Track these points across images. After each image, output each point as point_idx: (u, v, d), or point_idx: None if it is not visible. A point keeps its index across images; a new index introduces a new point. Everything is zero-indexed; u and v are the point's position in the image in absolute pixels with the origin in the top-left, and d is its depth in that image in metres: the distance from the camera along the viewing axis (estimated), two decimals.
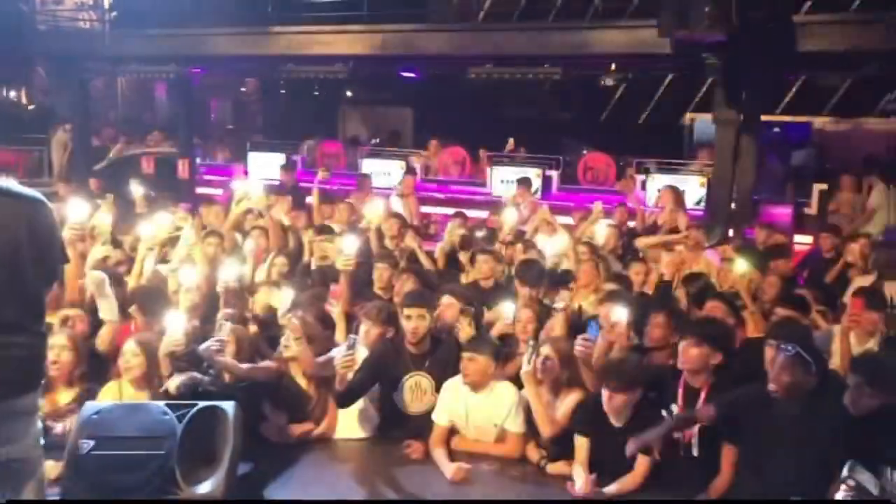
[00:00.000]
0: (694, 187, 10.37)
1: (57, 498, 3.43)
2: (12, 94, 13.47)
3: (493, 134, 13.13)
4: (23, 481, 3.16)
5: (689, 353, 4.11)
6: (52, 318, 4.60)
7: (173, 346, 4.35)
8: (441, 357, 4.62)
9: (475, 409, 4.37)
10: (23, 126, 11.62)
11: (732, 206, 9.05)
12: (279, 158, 11.67)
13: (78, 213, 4.87)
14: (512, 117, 15.08)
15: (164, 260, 5.89)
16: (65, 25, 12.26)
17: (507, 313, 5.00)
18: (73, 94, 11.62)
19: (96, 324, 4.92)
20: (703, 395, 4.11)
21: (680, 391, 4.22)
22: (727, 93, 8.65)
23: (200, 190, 10.94)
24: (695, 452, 4.10)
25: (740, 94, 8.76)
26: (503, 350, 4.67)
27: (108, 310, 4.86)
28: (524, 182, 9.56)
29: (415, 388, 4.59)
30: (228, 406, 3.91)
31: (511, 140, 12.98)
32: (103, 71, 12.80)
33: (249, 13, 11.45)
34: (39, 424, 3.26)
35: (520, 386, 4.37)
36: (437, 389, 4.52)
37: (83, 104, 11.84)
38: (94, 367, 4.62)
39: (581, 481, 3.91)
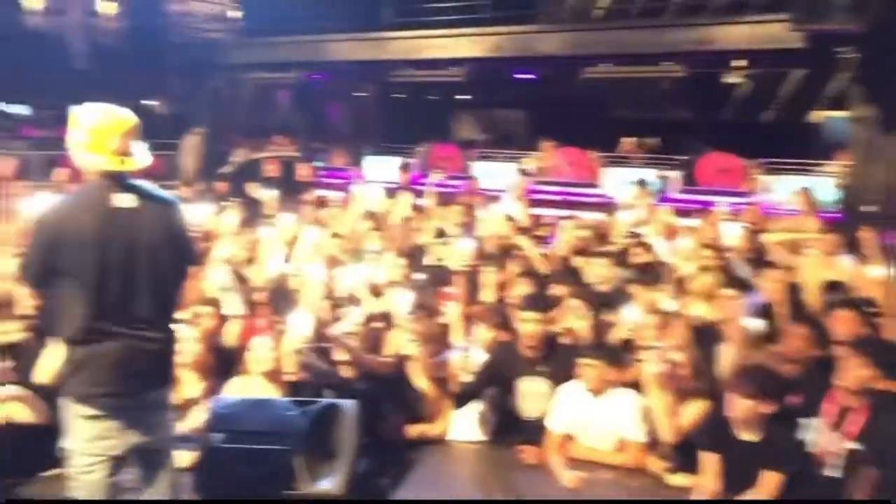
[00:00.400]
0: (827, 189, 9.79)
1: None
2: (149, 102, 14.28)
3: (608, 134, 12.87)
4: (158, 469, 3.33)
5: (857, 374, 3.72)
6: (182, 314, 4.82)
7: (299, 343, 4.49)
8: (557, 361, 4.55)
9: (593, 417, 4.28)
10: (157, 132, 12.33)
11: (870, 208, 8.49)
12: (395, 161, 11.87)
13: (202, 214, 5.11)
14: (628, 117, 14.73)
15: (287, 259, 6.08)
16: (196, 37, 12.94)
17: (626, 318, 4.87)
18: (203, 101, 12.22)
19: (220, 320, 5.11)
20: (855, 416, 3.78)
21: (828, 407, 3.90)
22: (865, 89, 8.13)
23: (319, 192, 11.24)
24: (836, 474, 3.81)
25: (879, 90, 8.21)
26: (622, 356, 4.55)
27: (233, 306, 5.06)
28: (641, 183, 9.31)
29: (530, 393, 4.54)
30: (349, 404, 4.00)
31: (627, 140, 12.68)
32: (231, 78, 13.43)
33: (367, 20, 11.70)
34: (172, 416, 3.44)
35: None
36: (554, 394, 4.45)
37: (212, 110, 12.43)
38: (219, 362, 4.82)
39: (704, 496, 3.74)
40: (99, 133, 3.02)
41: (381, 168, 12.04)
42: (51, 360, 3.93)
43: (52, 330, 3.15)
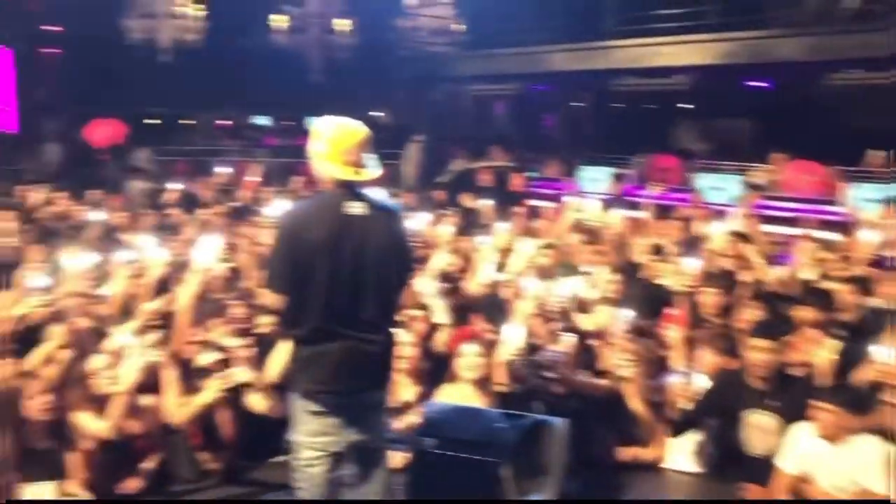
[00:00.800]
0: None
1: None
2: (376, 113, 15.09)
3: (850, 147, 11.68)
4: (373, 468, 3.43)
5: None
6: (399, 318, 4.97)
7: (512, 355, 4.46)
8: (790, 396, 4.14)
9: (829, 464, 3.83)
10: (382, 142, 12.97)
11: None
12: (610, 172, 11.59)
13: (421, 222, 5.23)
14: (874, 128, 13.28)
15: (500, 268, 6.09)
16: (421, 51, 13.48)
17: (877, 355, 4.32)
18: (424, 112, 12.67)
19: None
20: None
21: None
22: None
23: (532, 202, 11.25)
24: None
25: None
26: (866, 399, 4.04)
27: (442, 313, 5.14)
28: (891, 201, 8.33)
29: (757, 427, 4.17)
30: (560, 422, 3.89)
31: (875, 153, 11.42)
32: (451, 90, 13.85)
33: (589, 29, 11.54)
34: (387, 417, 3.53)
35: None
36: (784, 431, 4.05)
37: (432, 121, 12.86)
38: (431, 367, 4.91)
39: None
40: (336, 145, 3.17)
41: (596, 179, 11.81)
42: (281, 356, 4.21)
43: (283, 327, 3.33)
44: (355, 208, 3.16)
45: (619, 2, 11.13)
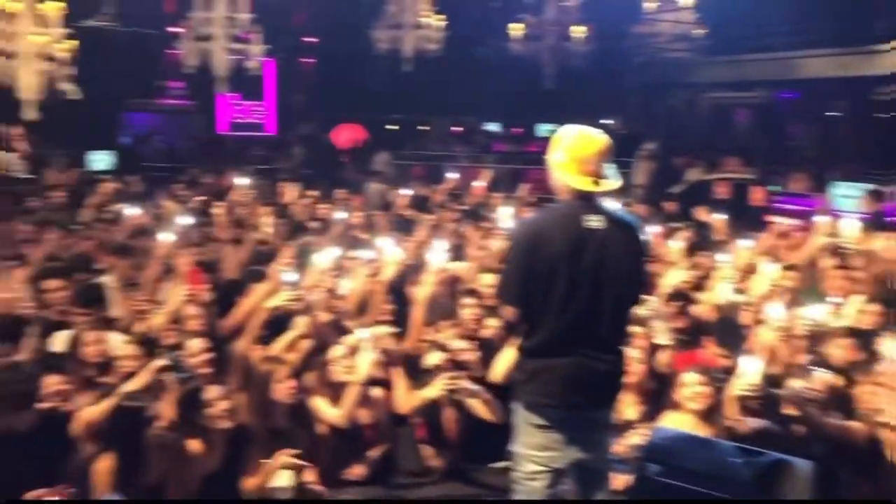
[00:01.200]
0: None
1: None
2: (605, 121, 14.83)
3: None
4: (594, 488, 3.32)
5: None
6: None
7: (747, 389, 4.12)
8: None
9: None
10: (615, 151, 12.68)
11: None
12: (866, 189, 10.44)
13: (649, 235, 4.97)
14: None
15: (739, 290, 5.67)
16: (658, 57, 13.05)
17: None
18: (658, 120, 12.24)
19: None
20: None
21: None
22: None
23: (772, 218, 10.44)
24: None
25: None
26: None
27: (664, 333, 4.86)
28: None
29: None
30: (805, 464, 3.53)
31: None
32: (687, 97, 13.26)
33: (850, 33, 10.48)
34: (612, 437, 3.39)
35: None
36: None
37: (667, 130, 12.38)
38: (655, 387, 4.67)
39: None
40: (575, 154, 3.09)
41: (849, 196, 10.69)
42: (505, 363, 4.22)
43: (514, 337, 3.31)
44: (594, 221, 3.06)
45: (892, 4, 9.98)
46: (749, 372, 4.09)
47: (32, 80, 7.67)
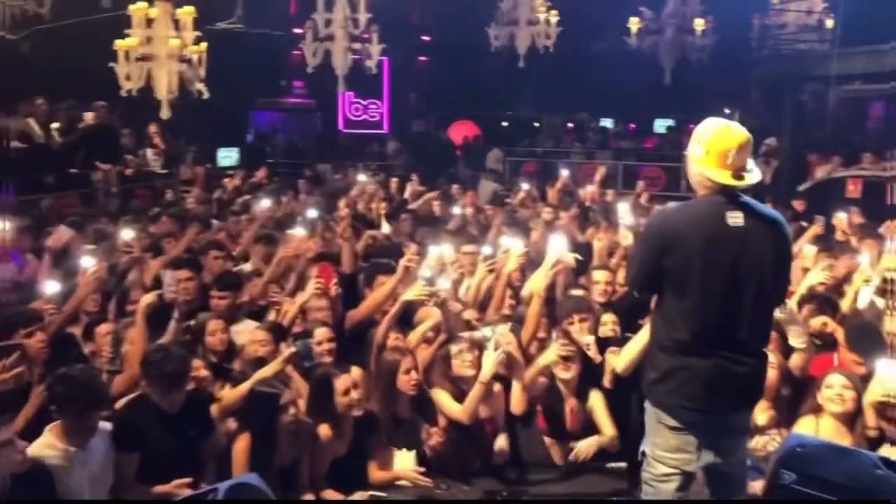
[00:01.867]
0: None
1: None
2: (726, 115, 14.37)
3: None
4: (727, 493, 3.22)
5: None
6: None
7: (887, 395, 3.89)
8: None
9: None
10: None
11: None
12: None
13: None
14: None
15: (880, 293, 5.36)
16: (784, 49, 12.48)
17: None
18: (785, 115, 11.72)
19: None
20: None
21: None
22: None
23: None
24: None
25: None
26: None
27: (799, 336, 4.63)
28: None
29: None
30: None
31: None
32: (818, 90, 12.63)
33: None
34: (747, 442, 3.28)
35: None
36: None
37: (795, 125, 11.84)
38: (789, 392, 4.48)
39: None
40: (717, 148, 3.00)
41: None
42: (628, 357, 4.17)
43: (652, 334, 3.25)
44: (736, 218, 2.96)
45: None
46: (888, 378, 3.87)
47: (167, 81, 8.14)
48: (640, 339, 4.10)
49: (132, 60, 8.06)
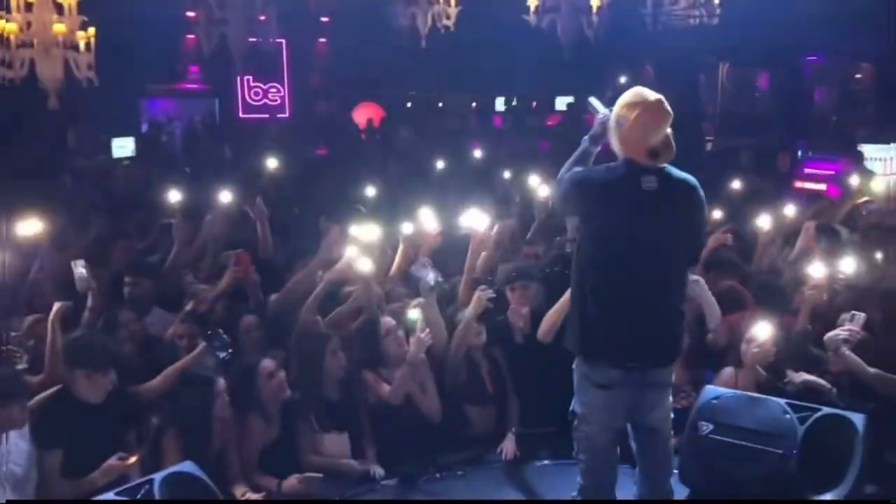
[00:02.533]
0: None
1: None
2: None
3: None
4: (654, 447, 3.36)
5: None
6: None
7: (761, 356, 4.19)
8: None
9: None
10: None
11: None
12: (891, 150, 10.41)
13: None
14: None
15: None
16: (676, 24, 12.92)
17: None
18: (680, 89, 12.13)
19: None
20: None
21: None
22: None
23: (800, 184, 10.41)
24: None
25: None
26: None
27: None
28: None
29: None
30: (857, 418, 3.58)
31: None
32: (708, 64, 13.15)
33: None
34: (670, 398, 3.44)
35: None
36: None
37: (688, 97, 12.28)
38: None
39: None
40: (637, 129, 3.07)
41: (876, 157, 10.64)
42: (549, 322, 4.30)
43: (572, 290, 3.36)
44: (650, 182, 3.08)
45: None
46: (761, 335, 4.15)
47: (53, 69, 7.78)
48: (561, 306, 4.24)
49: (12, 47, 7.65)
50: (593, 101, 3.46)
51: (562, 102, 17.18)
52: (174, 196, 6.21)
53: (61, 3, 7.85)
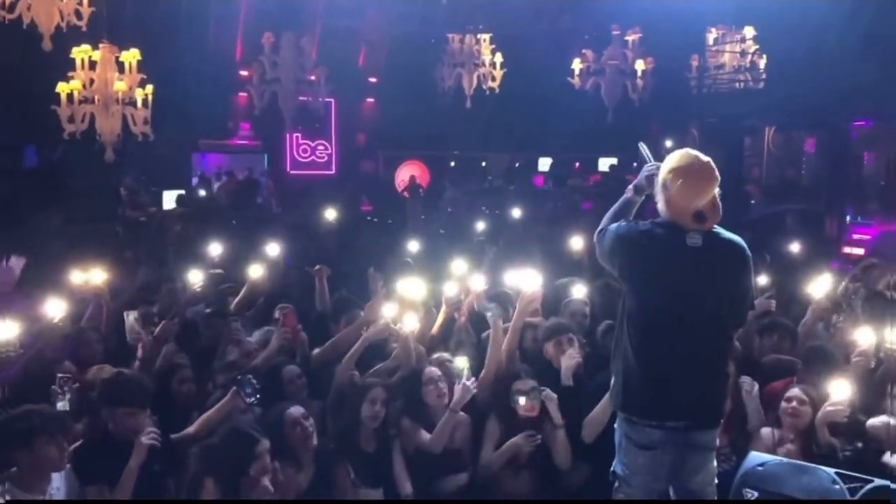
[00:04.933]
0: None
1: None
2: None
3: None
4: None
5: None
6: None
7: (834, 415, 4.05)
8: None
9: None
10: None
11: None
12: None
13: None
14: None
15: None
16: (722, 88, 12.99)
17: None
18: (725, 152, 12.14)
19: None
20: None
21: None
22: None
23: (848, 249, 10.24)
24: None
25: None
26: None
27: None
28: None
29: None
30: None
31: None
32: (754, 128, 13.13)
33: None
34: (715, 462, 3.35)
35: None
36: None
37: (733, 160, 12.25)
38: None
39: None
40: (682, 194, 3.06)
41: None
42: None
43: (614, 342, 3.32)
44: (695, 239, 3.07)
45: None
46: (837, 397, 4.03)
47: (111, 124, 8.13)
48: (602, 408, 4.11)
49: (75, 103, 8.02)
50: (643, 147, 3.45)
51: (605, 164, 17.25)
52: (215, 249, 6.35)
53: (122, 61, 8.26)
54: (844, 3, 10.28)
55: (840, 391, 4.08)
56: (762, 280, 6.24)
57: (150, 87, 8.40)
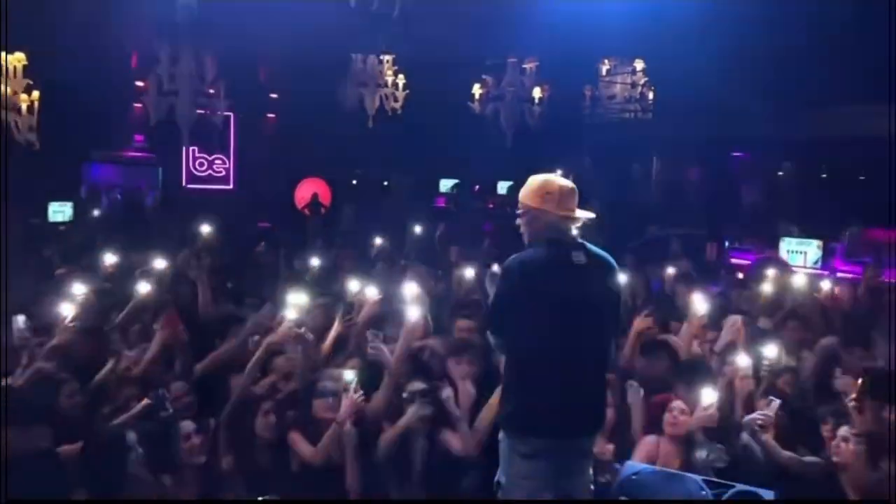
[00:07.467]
0: None
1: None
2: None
3: None
4: None
5: None
6: None
7: (707, 421, 4.31)
8: None
9: None
10: None
11: None
12: (813, 245, 11.00)
13: None
14: None
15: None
16: (613, 118, 13.61)
17: None
18: (615, 178, 12.70)
19: None
20: None
21: None
22: None
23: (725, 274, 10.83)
24: None
25: None
26: None
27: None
28: None
29: None
30: (768, 495, 3.70)
31: None
32: (639, 157, 13.80)
33: (797, 90, 11.07)
34: (591, 470, 3.52)
35: None
36: None
37: (620, 187, 12.81)
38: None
39: None
40: (550, 198, 3.33)
41: (797, 251, 11.21)
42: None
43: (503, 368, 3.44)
44: (579, 257, 3.27)
45: None
46: (708, 403, 4.29)
47: None
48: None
49: None
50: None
51: (503, 186, 17.67)
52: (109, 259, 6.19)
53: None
54: (732, 40, 10.97)
55: (709, 397, 4.36)
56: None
57: (35, 93, 8.06)
